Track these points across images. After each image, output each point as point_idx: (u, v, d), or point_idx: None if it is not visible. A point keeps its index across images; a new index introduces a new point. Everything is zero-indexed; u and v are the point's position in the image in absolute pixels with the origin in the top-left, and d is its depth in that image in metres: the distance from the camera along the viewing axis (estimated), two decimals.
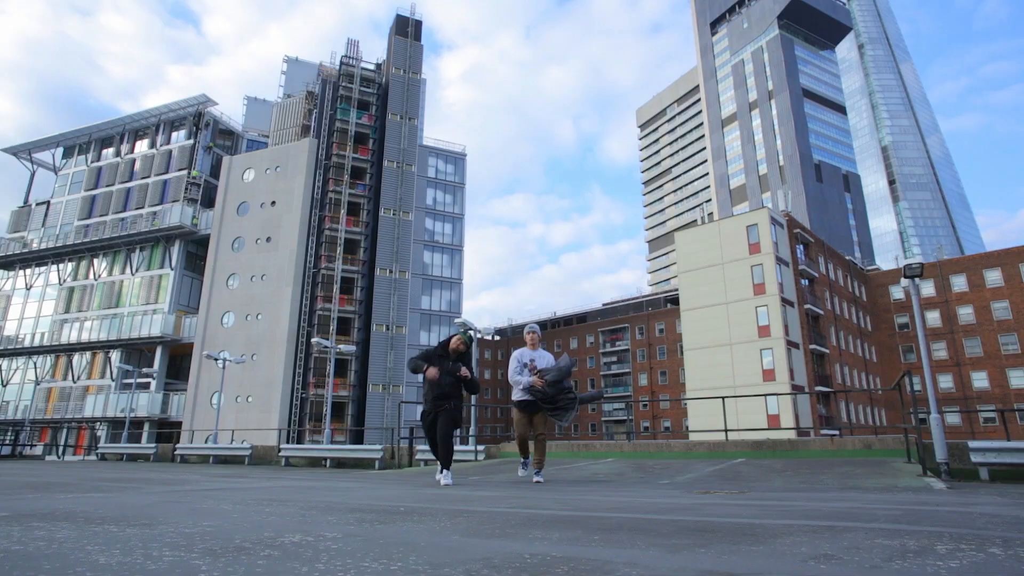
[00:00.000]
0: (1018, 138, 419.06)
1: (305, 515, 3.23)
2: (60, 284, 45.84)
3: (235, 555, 1.94)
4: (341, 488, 6.00)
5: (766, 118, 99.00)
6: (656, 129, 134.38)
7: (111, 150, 49.03)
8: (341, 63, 46.63)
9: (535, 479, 6.61)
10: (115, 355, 41.15)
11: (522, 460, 7.35)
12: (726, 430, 12.36)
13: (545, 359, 6.93)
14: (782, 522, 3.03)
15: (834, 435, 13.62)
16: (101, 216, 46.64)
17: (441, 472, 6.53)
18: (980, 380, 50.04)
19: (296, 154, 43.74)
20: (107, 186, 47.68)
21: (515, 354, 6.97)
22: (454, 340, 6.62)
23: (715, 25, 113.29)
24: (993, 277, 50.92)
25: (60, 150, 51.24)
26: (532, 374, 6.79)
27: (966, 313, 51.53)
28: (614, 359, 71.94)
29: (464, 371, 6.54)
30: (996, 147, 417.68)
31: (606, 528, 2.76)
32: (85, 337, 42.18)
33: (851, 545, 2.26)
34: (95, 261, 45.35)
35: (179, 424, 38.32)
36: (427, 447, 14.46)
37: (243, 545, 2.15)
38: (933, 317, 51.68)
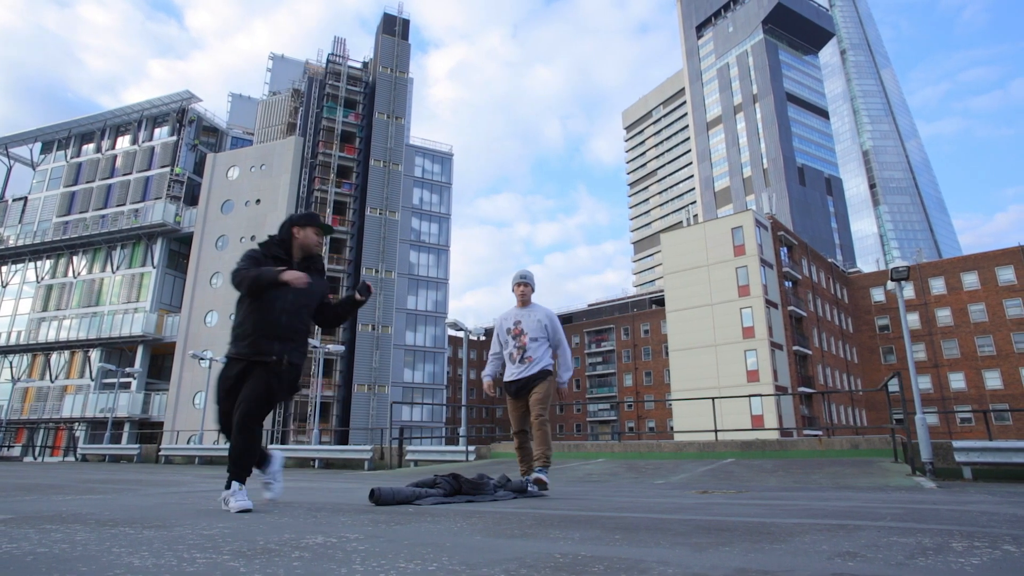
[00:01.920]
0: (996, 143, 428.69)
1: (317, 516, 3.22)
2: (38, 282, 44.96)
3: (267, 556, 1.94)
4: (339, 489, 5.97)
5: (751, 121, 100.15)
6: (642, 131, 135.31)
7: (91, 146, 48.21)
8: (328, 61, 46.34)
9: (535, 475, 4.76)
10: (95, 354, 40.46)
11: (524, 476, 5.01)
12: (716, 430, 12.49)
13: (534, 319, 4.87)
14: (793, 521, 3.08)
15: (818, 435, 13.81)
16: (81, 213, 45.84)
17: (229, 487, 3.32)
18: (957, 381, 51.10)
19: (282, 152, 43.36)
20: (87, 182, 46.87)
21: (497, 320, 5.12)
22: (304, 233, 3.65)
23: (701, 28, 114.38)
24: (970, 280, 52.03)
25: (38, 145, 50.26)
26: (518, 342, 4.82)
27: (944, 315, 52.58)
28: (599, 360, 72.29)
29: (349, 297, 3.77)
30: (975, 151, 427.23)
31: (623, 528, 2.78)
32: (64, 336, 41.43)
33: (869, 543, 2.31)
34: (74, 259, 44.56)
35: (160, 424, 37.78)
36: (419, 447, 14.43)
37: (268, 547, 2.14)
38: (912, 319, 52.65)
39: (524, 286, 4.98)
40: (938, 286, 53.34)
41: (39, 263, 45.62)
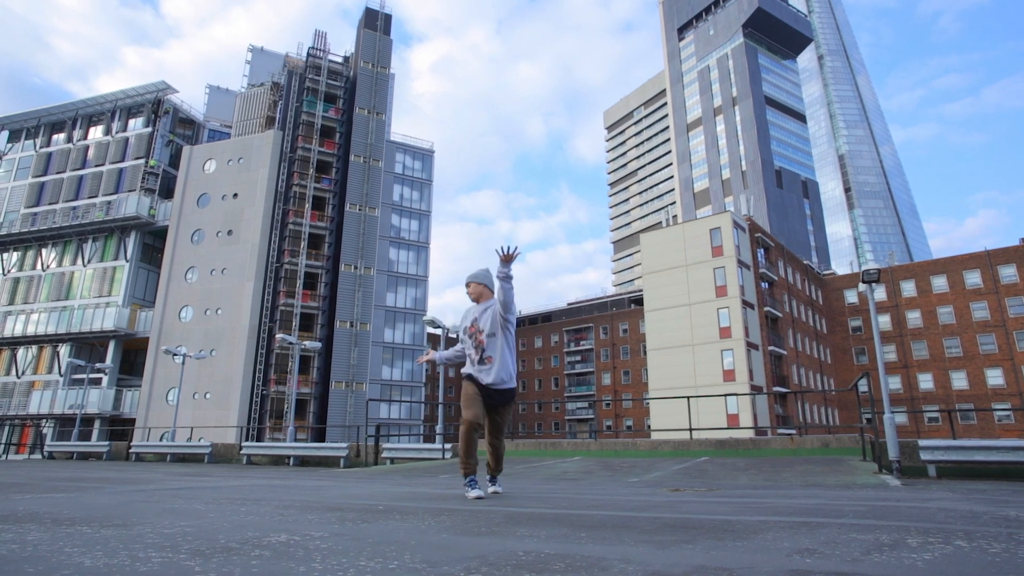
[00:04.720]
0: (968, 149, 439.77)
1: (284, 514, 3.18)
2: (4, 274, 43.76)
3: (225, 555, 1.91)
4: (312, 487, 5.91)
5: (730, 124, 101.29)
6: (623, 131, 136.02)
7: (62, 135, 47.00)
8: (308, 55, 45.78)
9: (491, 488, 4.74)
10: (64, 349, 39.50)
11: (467, 477, 4.50)
12: (691, 429, 12.63)
13: (487, 312, 4.63)
14: (758, 518, 3.12)
15: (791, 434, 14.07)
16: (51, 204, 44.69)
17: None
18: (926, 381, 52.33)
19: (260, 146, 42.74)
20: (57, 173, 45.70)
21: (460, 319, 4.97)
22: None
23: (682, 31, 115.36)
24: (939, 283, 53.29)
25: (5, 134, 48.87)
26: (475, 341, 4.63)
27: (914, 317, 53.79)
28: (578, 358, 72.57)
29: None
30: (947, 157, 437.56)
31: (590, 526, 2.80)
32: (31, 330, 40.36)
33: (828, 540, 2.35)
34: (43, 251, 43.44)
35: (132, 421, 37.03)
36: (396, 445, 14.36)
37: (229, 545, 2.11)
38: (884, 321, 53.76)
39: (477, 284, 4.77)
40: (909, 289, 54.53)
41: (6, 255, 44.37)
